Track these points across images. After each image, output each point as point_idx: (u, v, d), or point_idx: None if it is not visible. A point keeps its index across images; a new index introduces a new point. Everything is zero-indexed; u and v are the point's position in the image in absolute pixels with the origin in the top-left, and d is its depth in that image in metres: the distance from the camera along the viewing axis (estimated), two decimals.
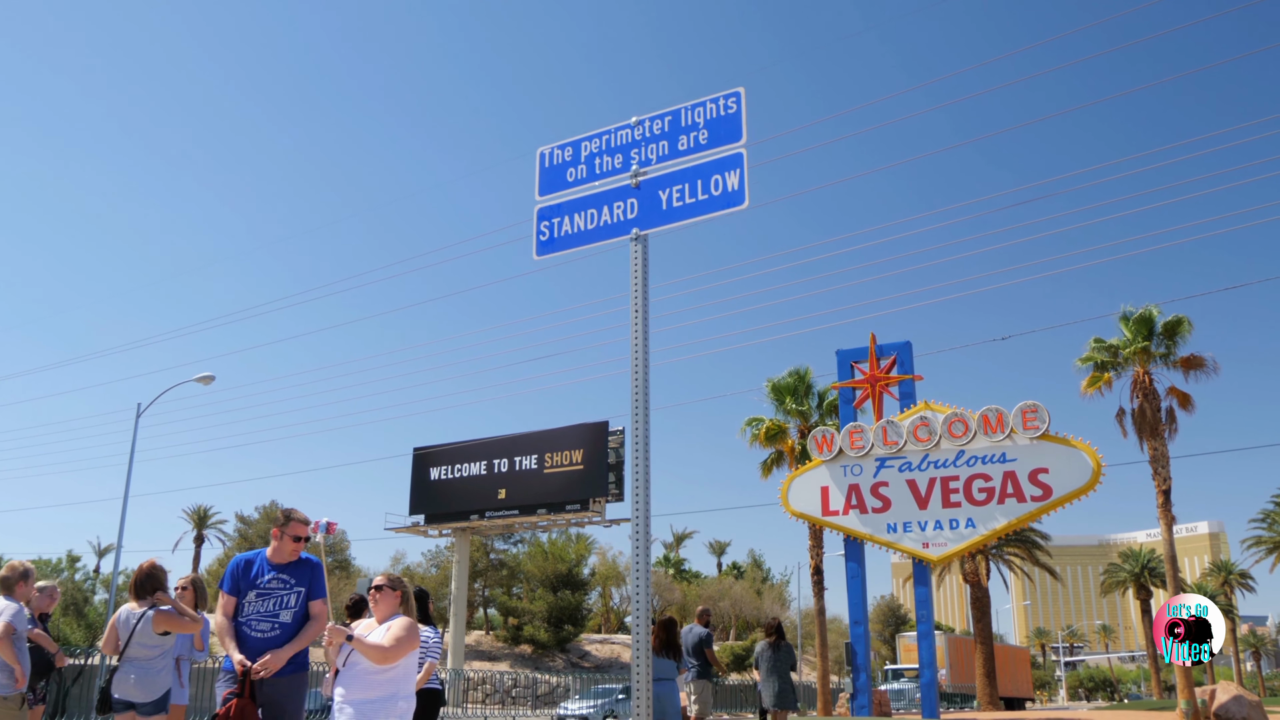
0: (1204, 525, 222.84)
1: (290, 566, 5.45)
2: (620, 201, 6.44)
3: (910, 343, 20.00)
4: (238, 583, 5.37)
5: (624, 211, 6.39)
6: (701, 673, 11.67)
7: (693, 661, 11.69)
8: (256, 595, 5.31)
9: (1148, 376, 24.30)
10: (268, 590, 5.30)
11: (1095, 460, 17.61)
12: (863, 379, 20.05)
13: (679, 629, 10.29)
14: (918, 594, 18.90)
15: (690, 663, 11.65)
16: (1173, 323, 24.01)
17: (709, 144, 6.20)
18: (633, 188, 6.43)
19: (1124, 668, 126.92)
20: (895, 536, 18.83)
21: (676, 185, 6.23)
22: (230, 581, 5.39)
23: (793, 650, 13.35)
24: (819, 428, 20.18)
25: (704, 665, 11.74)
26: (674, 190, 6.21)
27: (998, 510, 18.19)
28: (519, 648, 61.13)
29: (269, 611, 5.27)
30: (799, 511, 19.90)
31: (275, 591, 5.28)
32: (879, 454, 19.17)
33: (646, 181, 6.43)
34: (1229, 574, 75.99)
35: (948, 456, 18.70)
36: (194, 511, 68.40)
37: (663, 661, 9.59)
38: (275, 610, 5.26)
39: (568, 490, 48.33)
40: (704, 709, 11.63)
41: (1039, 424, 18.01)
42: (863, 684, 19.04)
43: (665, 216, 6.25)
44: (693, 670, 11.70)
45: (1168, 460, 23.68)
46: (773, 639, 13.00)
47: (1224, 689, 17.86)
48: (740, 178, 5.99)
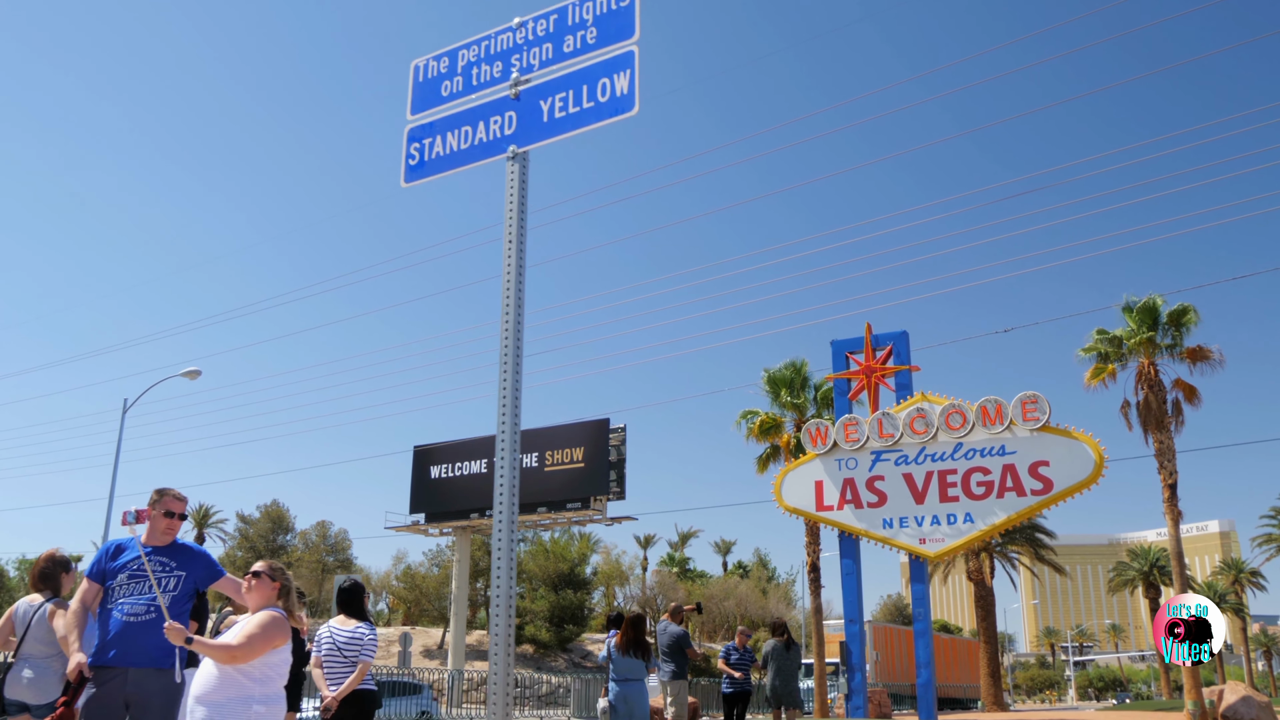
0: (1214, 524, 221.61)
1: (169, 549, 4.95)
2: (498, 116, 5.66)
3: (907, 333, 19.40)
4: (104, 567, 4.84)
5: (501, 127, 5.61)
6: (678, 673, 11.13)
7: (667, 662, 11.15)
8: (129, 578, 4.78)
9: (1153, 368, 23.58)
10: (141, 573, 4.77)
11: (1097, 452, 17.00)
12: (858, 370, 19.45)
13: (647, 626, 9.71)
14: (914, 591, 18.29)
15: (663, 662, 11.11)
16: (1178, 312, 23.26)
17: (598, 43, 5.40)
18: (512, 99, 5.62)
19: (1134, 667, 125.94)
20: (891, 532, 18.24)
21: (559, 93, 5.43)
22: (96, 566, 4.86)
23: (800, 650, 13.72)
24: (812, 420, 19.54)
25: (681, 665, 11.20)
26: (556, 99, 5.43)
27: (997, 504, 17.60)
28: (520, 648, 60.68)
29: (143, 594, 4.73)
30: (793, 507, 19.31)
31: (151, 574, 4.74)
32: (874, 447, 18.58)
33: (527, 91, 5.66)
34: (1239, 572, 75.14)
35: (945, 449, 18.10)
36: (195, 511, 67.99)
37: (631, 661, 9.04)
38: (150, 594, 4.72)
39: (569, 488, 48.07)
40: (681, 710, 11.09)
41: (1039, 415, 17.39)
42: (858, 684, 18.44)
43: (545, 130, 5.46)
44: (667, 671, 11.15)
45: (1174, 454, 22.97)
46: (784, 638, 13.34)
47: (1232, 689, 17.24)
48: (631, 80, 5.19)
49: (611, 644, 9.27)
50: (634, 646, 9.00)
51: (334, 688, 6.73)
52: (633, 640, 9.00)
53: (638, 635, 9.02)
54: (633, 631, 9.02)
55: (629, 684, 8.90)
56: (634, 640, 9.00)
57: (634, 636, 9.01)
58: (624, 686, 8.91)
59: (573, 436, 49.16)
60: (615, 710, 8.84)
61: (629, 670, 8.97)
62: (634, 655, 9.02)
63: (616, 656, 9.07)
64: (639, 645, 9.00)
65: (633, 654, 9.02)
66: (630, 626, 9.05)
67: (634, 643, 9.00)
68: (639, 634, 9.04)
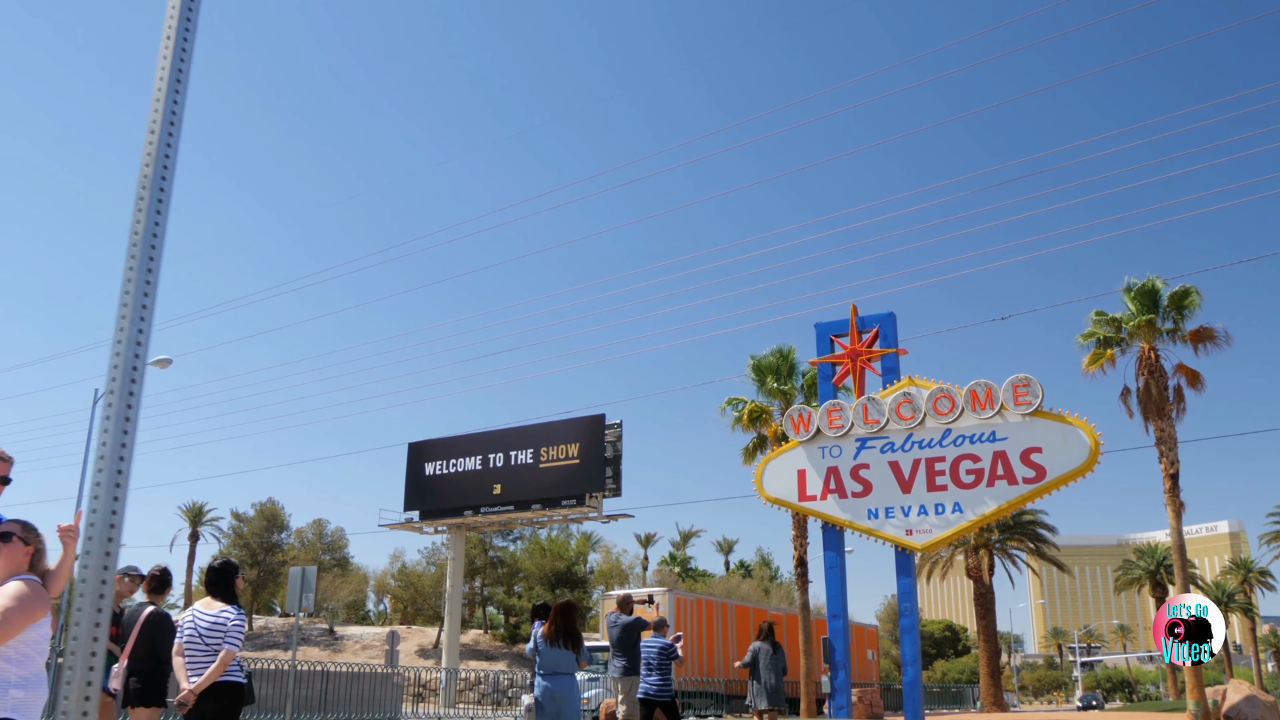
0: (1224, 525, 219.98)
1: None
2: None
3: (894, 314, 18.50)
4: None
5: None
6: (629, 669, 10.26)
7: (618, 657, 10.29)
8: None
9: (1154, 352, 22.56)
10: None
11: (1093, 438, 16.07)
12: (843, 354, 18.55)
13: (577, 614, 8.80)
14: (900, 585, 17.36)
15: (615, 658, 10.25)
16: (1179, 294, 22.21)
17: None
18: None
19: (1142, 668, 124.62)
20: (877, 523, 17.34)
21: None
22: None
23: (784, 655, 14.03)
24: (795, 406, 18.61)
25: (633, 660, 10.34)
26: None
27: (986, 493, 16.68)
28: (517, 647, 59.83)
29: None
30: (774, 497, 18.42)
31: None
32: (859, 434, 17.69)
33: None
34: (1248, 572, 73.96)
35: (933, 436, 17.20)
36: (189, 509, 67.38)
37: (559, 653, 8.14)
38: None
39: (564, 485, 47.49)
40: (633, 709, 10.23)
41: (1031, 399, 16.47)
42: (841, 683, 17.52)
43: None
44: (618, 666, 10.30)
45: (1175, 442, 21.95)
46: (770, 641, 13.60)
47: (1235, 688, 16.31)
48: None
49: (538, 634, 8.39)
50: (563, 637, 8.09)
51: (194, 679, 5.90)
52: (562, 630, 8.10)
53: (567, 624, 8.11)
54: (562, 620, 8.11)
55: (557, 678, 8.01)
56: (564, 630, 8.10)
57: (563, 625, 8.10)
58: (552, 681, 8.02)
59: (568, 432, 48.46)
60: (541, 708, 7.96)
61: (557, 663, 8.07)
62: (563, 646, 8.09)
63: (544, 648, 8.17)
64: (569, 635, 8.09)
65: (562, 645, 8.09)
66: (559, 614, 8.14)
67: (564, 632, 8.09)
68: (569, 623, 8.13)
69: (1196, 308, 22.19)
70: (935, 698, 63.44)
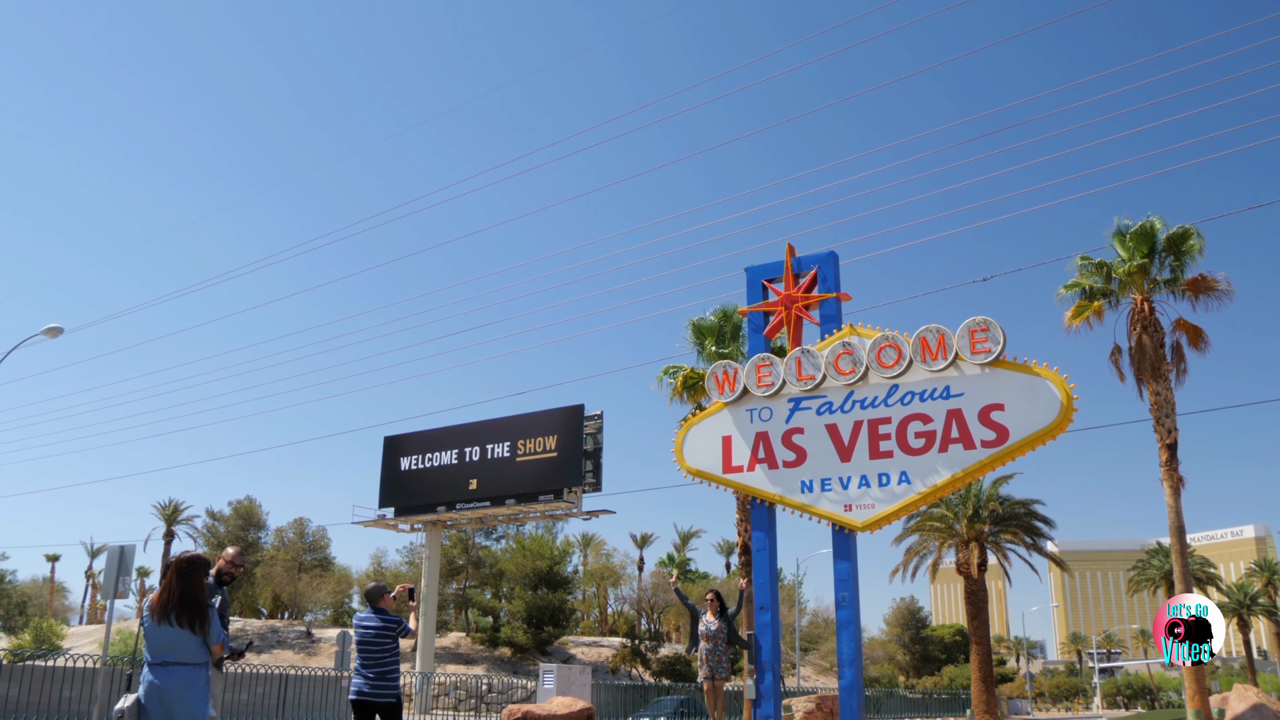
0: (1250, 529, 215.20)
1: None
2: None
3: (835, 254, 15.69)
4: None
5: None
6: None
7: None
8: None
9: (1148, 305, 19.48)
10: None
11: (1065, 391, 13.18)
12: (776, 300, 15.76)
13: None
14: (837, 570, 14.49)
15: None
16: (1178, 235, 19.05)
17: None
18: None
19: (1165, 675, 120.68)
20: (811, 497, 14.51)
21: None
22: None
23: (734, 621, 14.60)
24: (719, 363, 15.73)
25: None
26: None
27: (939, 460, 13.82)
28: (499, 650, 57.24)
29: None
30: (695, 469, 15.59)
31: None
32: (792, 393, 14.89)
33: None
34: (1272, 574, 70.47)
35: (877, 393, 14.39)
36: (165, 507, 65.27)
37: (172, 632, 5.29)
38: None
39: (541, 479, 45.47)
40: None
41: (991, 346, 13.60)
42: (768, 686, 14.71)
43: None
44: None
45: (1173, 408, 18.85)
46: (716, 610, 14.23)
47: (1240, 696, 13.45)
48: None
49: (146, 607, 5.60)
50: (178, 608, 5.35)
51: None
52: (177, 598, 5.33)
53: (185, 591, 5.34)
54: (178, 584, 5.35)
55: (170, 670, 5.26)
56: (179, 598, 5.33)
57: (180, 593, 5.33)
58: (160, 675, 5.35)
59: (545, 424, 46.37)
60: (145, 713, 5.22)
61: (169, 647, 5.35)
62: (177, 623, 5.44)
63: (150, 626, 5.42)
64: (188, 606, 5.34)
65: (174, 621, 5.44)
66: (175, 576, 5.39)
67: (179, 602, 5.33)
68: (187, 589, 5.36)
69: (1197, 253, 19.13)
70: (940, 705, 60.44)
